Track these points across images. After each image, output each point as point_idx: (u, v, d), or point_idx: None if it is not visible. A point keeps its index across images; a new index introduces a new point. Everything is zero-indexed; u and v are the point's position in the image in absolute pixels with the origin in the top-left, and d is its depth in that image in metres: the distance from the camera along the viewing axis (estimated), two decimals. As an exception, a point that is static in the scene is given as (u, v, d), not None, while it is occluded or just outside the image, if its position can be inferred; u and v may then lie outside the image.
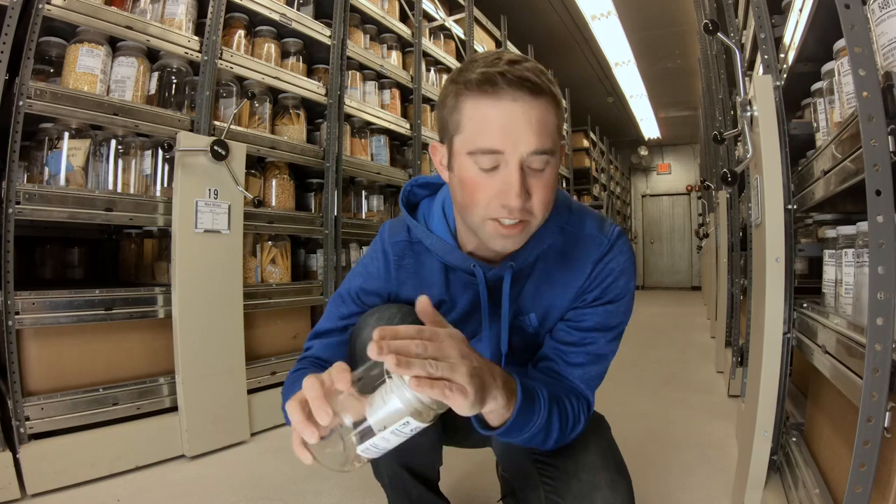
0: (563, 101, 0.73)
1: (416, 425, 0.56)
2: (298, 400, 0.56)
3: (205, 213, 1.68)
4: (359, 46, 2.55)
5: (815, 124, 1.22)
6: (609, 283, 0.81)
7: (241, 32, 2.01)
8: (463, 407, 0.57)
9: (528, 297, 0.84)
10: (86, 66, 1.53)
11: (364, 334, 0.81)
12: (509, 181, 0.67)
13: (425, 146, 2.88)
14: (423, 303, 0.63)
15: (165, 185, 1.74)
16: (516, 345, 0.89)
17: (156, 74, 1.72)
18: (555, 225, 0.81)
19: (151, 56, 1.72)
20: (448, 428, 0.94)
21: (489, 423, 0.67)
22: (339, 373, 0.55)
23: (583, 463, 0.80)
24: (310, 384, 0.55)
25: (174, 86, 1.77)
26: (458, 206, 0.76)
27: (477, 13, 3.84)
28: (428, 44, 3.10)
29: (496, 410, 0.64)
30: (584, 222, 0.84)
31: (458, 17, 3.57)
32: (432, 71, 3.24)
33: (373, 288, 0.87)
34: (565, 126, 6.35)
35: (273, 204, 2.08)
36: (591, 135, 7.52)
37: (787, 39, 1.26)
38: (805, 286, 1.37)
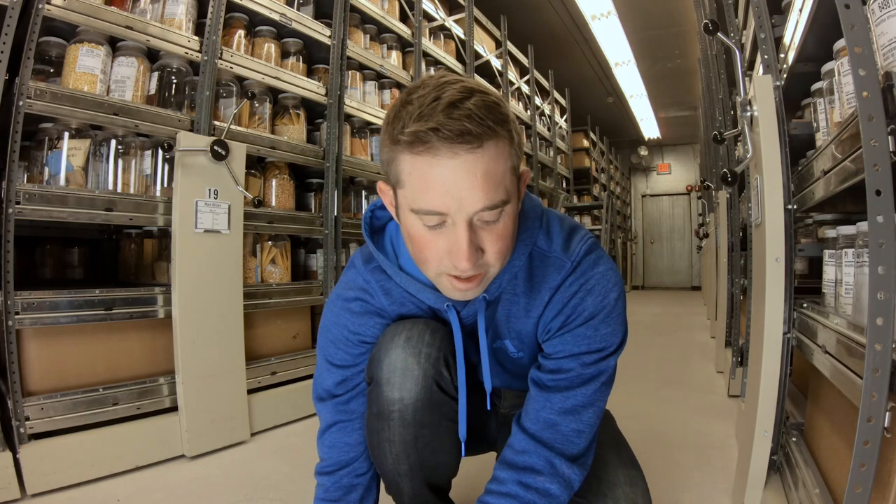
0: (516, 128, 0.67)
1: None
2: None
3: (205, 213, 1.68)
4: (359, 46, 2.55)
5: (815, 124, 1.22)
6: (574, 306, 0.74)
7: (241, 32, 2.01)
8: None
9: (502, 323, 0.81)
10: (86, 66, 1.53)
11: (392, 356, 0.76)
12: (457, 243, 0.63)
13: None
14: None
15: (165, 185, 1.74)
16: (505, 367, 0.87)
17: (156, 74, 1.72)
18: (524, 247, 0.76)
19: (151, 56, 1.72)
20: (477, 441, 0.93)
21: None
22: None
23: (600, 461, 0.80)
24: None
25: (174, 86, 1.77)
26: (413, 258, 0.71)
27: (477, 13, 3.84)
28: (428, 44, 3.10)
29: None
30: (551, 239, 0.77)
31: (458, 17, 3.57)
32: (432, 71, 3.24)
33: (364, 328, 0.82)
34: (564, 125, 6.35)
35: (273, 204, 2.08)
36: (591, 135, 7.53)
37: (787, 39, 1.26)
38: (805, 286, 1.37)
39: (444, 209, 0.62)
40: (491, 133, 0.61)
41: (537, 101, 5.27)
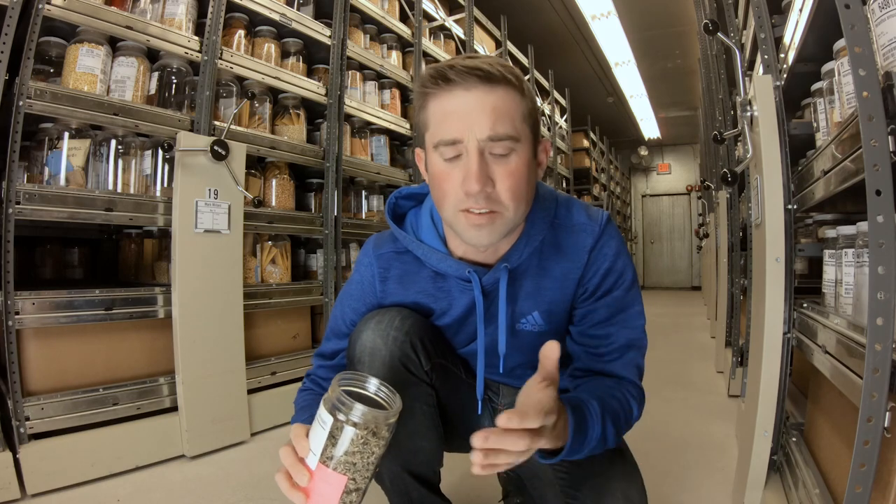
0: (531, 93, 0.75)
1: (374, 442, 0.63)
2: (290, 447, 0.69)
3: (205, 213, 1.68)
4: (359, 46, 2.55)
5: (815, 124, 1.22)
6: (607, 268, 0.81)
7: (241, 32, 2.01)
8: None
9: (529, 296, 0.84)
10: (86, 66, 1.53)
11: (364, 337, 0.83)
12: (468, 167, 0.69)
13: (425, 146, 2.88)
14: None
15: (165, 185, 1.74)
16: (521, 347, 0.88)
17: (156, 74, 1.72)
18: (543, 220, 0.81)
19: (151, 56, 1.72)
20: (450, 435, 0.94)
21: (549, 451, 0.67)
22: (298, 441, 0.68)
23: (596, 456, 0.80)
24: (285, 453, 0.70)
25: (174, 86, 1.77)
26: (436, 204, 0.77)
27: (477, 13, 3.84)
28: (428, 44, 3.10)
29: (551, 439, 0.66)
30: (571, 212, 0.84)
31: (458, 17, 3.57)
32: (432, 71, 3.24)
33: (360, 308, 0.89)
34: (564, 125, 6.35)
35: (273, 204, 2.08)
36: (591, 135, 7.52)
37: (787, 39, 1.26)
38: (805, 286, 1.37)
39: (458, 135, 0.69)
40: (502, 79, 0.69)
41: (537, 101, 5.27)
